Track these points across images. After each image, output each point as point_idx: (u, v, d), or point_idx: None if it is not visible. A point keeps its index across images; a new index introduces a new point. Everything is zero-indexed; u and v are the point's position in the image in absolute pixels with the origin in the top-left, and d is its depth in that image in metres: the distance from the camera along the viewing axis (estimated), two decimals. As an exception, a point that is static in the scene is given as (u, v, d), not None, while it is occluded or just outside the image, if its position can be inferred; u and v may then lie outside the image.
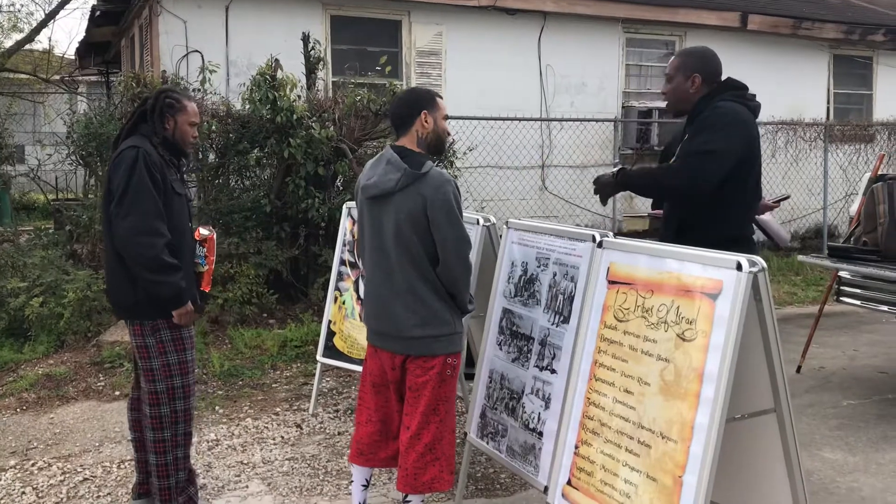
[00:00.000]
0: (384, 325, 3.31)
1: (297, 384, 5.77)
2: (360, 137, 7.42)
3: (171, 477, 3.55)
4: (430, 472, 3.25)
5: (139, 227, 3.31)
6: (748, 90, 3.60)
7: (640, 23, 10.63)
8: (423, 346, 3.24)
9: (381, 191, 3.21)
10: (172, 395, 3.50)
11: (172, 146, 3.56)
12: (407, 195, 3.15)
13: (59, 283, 6.45)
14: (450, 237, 3.15)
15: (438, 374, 3.25)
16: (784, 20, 11.24)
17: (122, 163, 3.37)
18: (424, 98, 3.32)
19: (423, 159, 3.22)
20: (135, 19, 10.73)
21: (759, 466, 2.93)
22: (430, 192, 3.13)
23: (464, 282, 3.27)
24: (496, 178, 9.59)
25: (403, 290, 3.21)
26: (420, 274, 3.19)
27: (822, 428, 4.88)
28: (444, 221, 3.13)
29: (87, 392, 5.56)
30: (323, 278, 7.05)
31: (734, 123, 3.39)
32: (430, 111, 3.27)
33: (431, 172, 3.17)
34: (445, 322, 3.25)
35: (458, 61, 9.69)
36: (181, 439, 3.56)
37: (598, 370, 3.00)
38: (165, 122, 3.53)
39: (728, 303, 2.55)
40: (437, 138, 3.32)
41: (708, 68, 3.60)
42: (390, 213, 3.19)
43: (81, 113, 8.18)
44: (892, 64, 12.38)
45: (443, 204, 3.13)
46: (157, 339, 3.46)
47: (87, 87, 19.40)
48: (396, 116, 3.33)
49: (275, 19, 8.77)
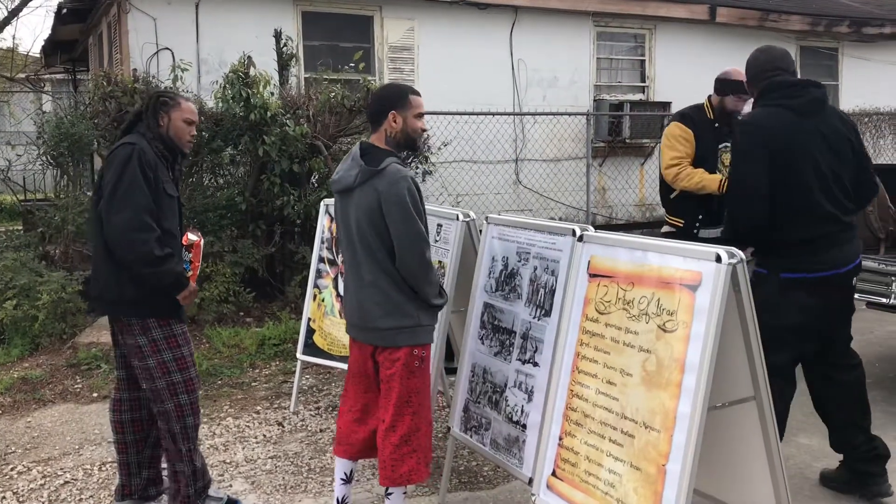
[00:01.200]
0: (354, 317, 3.40)
1: (277, 382, 5.77)
2: (334, 134, 7.41)
3: (187, 466, 3.55)
4: (407, 463, 3.30)
5: (131, 222, 3.30)
6: (794, 86, 3.67)
7: (610, 16, 10.70)
8: (387, 337, 3.30)
9: (343, 186, 3.32)
10: (174, 390, 3.51)
11: (168, 144, 3.55)
12: (364, 190, 3.22)
13: (33, 285, 6.37)
14: (403, 233, 3.18)
15: (405, 365, 3.29)
16: (751, 12, 11.38)
17: (116, 159, 3.37)
18: (395, 96, 3.35)
19: (385, 156, 3.26)
20: (102, 17, 10.60)
21: (741, 453, 3.00)
22: (385, 187, 3.17)
23: (423, 277, 3.27)
24: (470, 172, 9.62)
25: (368, 283, 3.29)
26: (380, 267, 3.25)
27: (797, 414, 4.95)
28: (398, 217, 3.17)
29: (65, 394, 5.51)
30: (300, 276, 7.03)
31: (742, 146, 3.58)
32: (399, 110, 3.31)
33: (388, 168, 3.21)
34: (407, 314, 3.28)
35: (430, 56, 9.70)
36: (190, 432, 3.56)
37: (581, 362, 3.04)
38: (159, 118, 3.53)
39: (708, 294, 2.60)
40: (406, 137, 3.35)
41: (750, 71, 3.79)
42: (352, 208, 3.29)
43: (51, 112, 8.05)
44: (856, 55, 12.59)
45: (397, 199, 3.16)
46: (149, 338, 3.45)
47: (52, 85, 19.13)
48: (369, 113, 3.42)
49: (245, 16, 8.71)
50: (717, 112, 4.75)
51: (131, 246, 3.31)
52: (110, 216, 3.33)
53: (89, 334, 6.43)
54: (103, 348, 6.18)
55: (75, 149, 7.01)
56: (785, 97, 3.62)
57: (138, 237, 3.31)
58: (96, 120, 7.13)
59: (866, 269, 4.99)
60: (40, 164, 7.55)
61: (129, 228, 3.30)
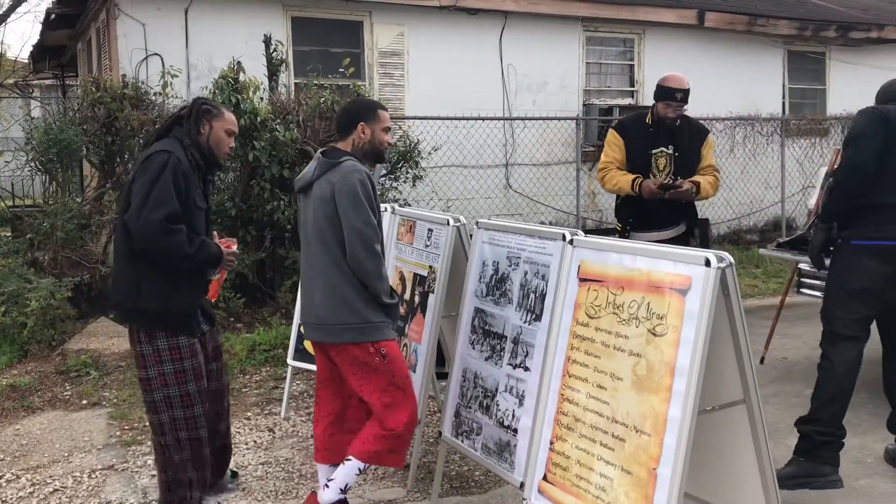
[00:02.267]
0: (308, 315, 3.45)
1: (268, 388, 5.75)
2: (324, 139, 7.39)
3: (181, 473, 3.49)
4: (382, 444, 3.38)
5: (162, 224, 3.25)
6: None
7: (599, 21, 10.74)
8: (333, 333, 3.35)
9: (303, 182, 3.44)
10: (169, 403, 3.44)
11: (204, 153, 3.50)
12: (321, 183, 3.35)
13: (21, 291, 6.34)
14: (353, 223, 3.26)
15: (363, 364, 3.34)
16: (739, 17, 11.44)
17: (152, 165, 3.32)
18: (364, 110, 3.51)
19: (345, 156, 3.41)
20: (91, 22, 10.58)
21: (731, 456, 3.01)
22: (338, 178, 3.30)
23: (372, 271, 3.31)
24: (461, 177, 9.63)
25: (319, 278, 3.35)
26: (332, 260, 3.32)
27: (786, 417, 4.99)
28: (348, 206, 3.26)
29: (54, 402, 5.48)
30: (290, 281, 7.03)
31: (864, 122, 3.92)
32: (367, 123, 3.46)
33: (345, 163, 3.35)
34: (355, 311, 3.32)
35: (420, 61, 9.71)
36: (186, 444, 3.48)
37: (572, 366, 3.05)
38: (201, 126, 3.50)
39: (697, 298, 2.61)
40: (373, 148, 3.51)
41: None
42: (310, 203, 3.40)
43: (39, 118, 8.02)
44: (843, 59, 12.66)
45: (348, 189, 3.26)
46: (154, 347, 3.39)
47: (41, 91, 19.05)
48: (338, 124, 3.56)
49: (235, 21, 8.71)
50: (654, 118, 4.95)
51: (166, 242, 3.27)
52: (143, 213, 3.24)
53: (79, 341, 6.41)
54: (93, 355, 6.16)
55: (64, 155, 6.99)
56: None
57: (171, 238, 3.27)
58: (85, 126, 7.11)
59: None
60: (29, 170, 7.52)
61: (160, 229, 3.25)
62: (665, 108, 4.86)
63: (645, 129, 4.99)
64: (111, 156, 7.26)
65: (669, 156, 4.93)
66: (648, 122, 4.98)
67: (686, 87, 4.86)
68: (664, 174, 4.92)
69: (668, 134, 4.94)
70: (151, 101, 7.18)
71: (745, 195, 11.56)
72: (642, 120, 5.03)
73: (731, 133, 11.20)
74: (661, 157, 4.94)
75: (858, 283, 3.91)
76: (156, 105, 7.16)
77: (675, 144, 4.94)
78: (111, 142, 7.08)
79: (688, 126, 5.03)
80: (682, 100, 4.85)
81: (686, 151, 4.94)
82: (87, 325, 6.71)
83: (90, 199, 7.63)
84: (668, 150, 4.93)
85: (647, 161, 4.95)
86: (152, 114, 7.06)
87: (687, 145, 4.95)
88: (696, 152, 4.96)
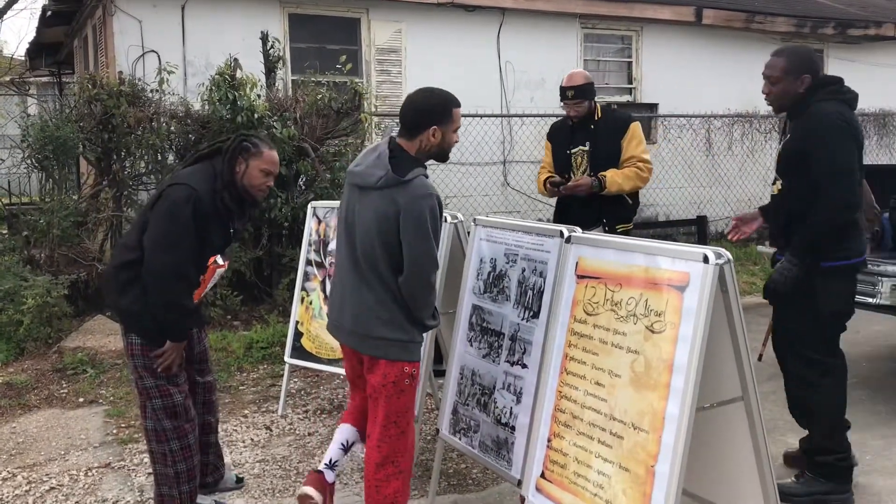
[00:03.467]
0: (344, 319, 3.25)
1: (265, 386, 5.74)
2: (322, 136, 7.39)
3: (173, 488, 3.52)
4: (392, 485, 3.22)
5: (173, 268, 3.29)
6: (843, 83, 3.79)
7: (597, 18, 10.72)
8: (379, 347, 3.15)
9: (362, 182, 3.14)
10: (155, 415, 3.48)
11: (236, 193, 3.42)
12: (384, 196, 3.04)
13: (17, 289, 6.31)
14: (415, 253, 3.03)
15: (394, 383, 3.16)
16: (737, 14, 11.43)
17: (172, 199, 3.30)
18: (439, 112, 3.14)
19: (413, 165, 3.08)
20: (87, 19, 10.55)
21: (729, 453, 3.00)
22: (407, 201, 3.00)
23: (423, 301, 3.14)
24: (458, 174, 9.61)
25: (365, 288, 3.15)
26: (381, 276, 3.10)
27: (784, 414, 4.96)
28: (413, 236, 3.01)
29: (50, 399, 5.47)
30: (287, 279, 7.01)
31: (839, 129, 3.62)
32: (441, 126, 3.13)
33: (415, 182, 3.03)
34: (402, 328, 3.15)
35: (418, 58, 9.69)
36: (178, 455, 3.49)
37: (569, 364, 3.04)
38: (236, 164, 3.40)
39: (696, 295, 2.60)
40: (440, 151, 3.20)
41: (815, 67, 3.78)
42: (366, 208, 3.12)
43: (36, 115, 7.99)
44: (841, 56, 12.65)
45: (416, 217, 2.99)
46: (134, 364, 3.46)
47: (38, 88, 18.99)
48: (407, 119, 3.17)
49: (232, 18, 8.68)
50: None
51: (166, 290, 3.31)
52: (155, 254, 3.29)
53: (75, 339, 6.39)
54: (89, 352, 6.14)
55: (60, 152, 6.96)
56: (840, 93, 3.75)
57: (175, 286, 3.32)
58: (81, 123, 7.08)
59: (853, 268, 5.02)
60: (25, 168, 7.49)
61: (170, 274, 3.29)
62: (565, 108, 4.94)
63: (566, 130, 5.06)
64: (108, 153, 7.23)
65: (586, 152, 4.93)
66: (571, 122, 5.03)
67: (576, 84, 4.85)
68: (581, 171, 4.93)
69: (587, 131, 4.95)
70: (148, 98, 7.15)
71: (743, 192, 11.55)
72: (566, 121, 5.09)
73: (729, 130, 11.19)
74: (579, 156, 4.97)
75: (846, 305, 3.81)
76: (152, 102, 7.13)
77: (591, 141, 4.92)
78: (108, 139, 7.05)
79: (608, 121, 4.99)
80: (573, 97, 4.86)
81: (603, 147, 4.89)
82: (84, 323, 6.69)
83: (87, 196, 7.61)
84: (585, 147, 4.93)
85: (567, 160, 5.00)
86: (149, 111, 7.03)
87: (605, 141, 4.90)
88: (616, 146, 4.88)
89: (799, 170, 3.70)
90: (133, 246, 3.39)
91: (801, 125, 3.73)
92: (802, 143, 3.69)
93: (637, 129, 4.97)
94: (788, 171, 3.80)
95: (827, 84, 3.76)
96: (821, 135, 3.61)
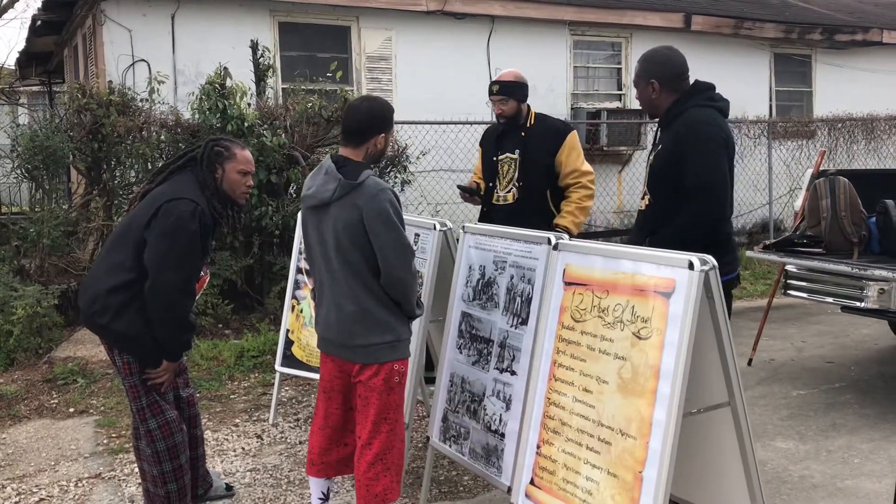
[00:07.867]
0: (332, 333, 3.31)
1: (256, 394, 5.74)
2: (312, 144, 7.40)
3: (160, 488, 3.51)
4: (381, 482, 3.26)
5: (182, 285, 3.29)
6: (715, 89, 3.66)
7: (586, 25, 10.77)
8: (369, 354, 3.23)
9: (318, 201, 3.21)
10: (150, 436, 3.48)
11: (223, 197, 3.46)
12: (343, 205, 3.14)
13: (7, 299, 6.30)
14: (389, 244, 3.12)
15: (385, 381, 3.24)
16: (726, 20, 11.50)
17: (176, 214, 3.27)
18: (388, 119, 3.30)
19: (361, 169, 3.19)
20: (77, 29, 10.54)
21: (716, 458, 3.01)
22: (366, 201, 3.11)
23: (409, 289, 3.23)
24: (450, 181, 9.60)
25: (347, 299, 3.20)
26: (362, 283, 3.18)
27: (773, 418, 5.01)
28: (382, 229, 3.11)
29: (40, 410, 5.45)
30: (278, 287, 7.01)
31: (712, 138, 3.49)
32: (386, 132, 3.30)
33: (367, 182, 3.14)
34: (389, 329, 3.23)
35: (408, 66, 9.71)
36: (169, 476, 3.50)
37: (558, 370, 3.06)
38: (214, 171, 3.43)
39: (681, 301, 2.61)
40: (381, 154, 3.37)
41: (665, 72, 3.63)
42: (329, 223, 3.19)
43: (26, 125, 7.98)
44: (829, 62, 12.74)
45: (379, 212, 3.10)
46: (129, 383, 3.46)
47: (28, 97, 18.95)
48: (355, 127, 3.25)
49: (222, 27, 8.69)
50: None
51: (174, 307, 3.31)
52: (161, 273, 3.26)
53: (66, 349, 6.37)
54: (80, 363, 6.13)
55: (50, 162, 6.95)
56: (711, 100, 3.63)
57: (183, 302, 3.33)
58: (71, 133, 7.07)
59: (840, 273, 5.05)
60: (15, 178, 7.48)
61: (178, 290, 3.29)
62: (492, 105, 4.70)
63: (496, 136, 4.79)
64: (98, 162, 7.23)
65: (514, 160, 4.64)
66: (500, 126, 4.76)
67: (503, 80, 4.61)
68: (506, 181, 4.68)
69: (517, 139, 4.65)
70: (138, 108, 7.16)
71: (735, 196, 11.58)
72: (498, 125, 4.79)
73: (719, 136, 11.23)
74: (506, 163, 4.69)
75: None
76: (142, 111, 7.14)
77: (521, 149, 4.62)
78: (98, 148, 7.04)
79: (541, 129, 4.68)
80: (498, 92, 4.59)
81: (533, 157, 4.60)
82: (74, 333, 6.67)
83: (77, 206, 7.60)
84: (514, 154, 4.64)
85: (494, 168, 4.75)
86: (139, 120, 7.03)
87: (536, 150, 4.60)
88: (548, 158, 4.59)
89: (667, 181, 3.55)
90: (129, 266, 3.32)
91: (671, 133, 3.56)
92: (671, 154, 3.53)
93: (574, 139, 4.67)
94: (658, 184, 3.64)
95: (699, 91, 3.62)
96: (692, 143, 3.45)
